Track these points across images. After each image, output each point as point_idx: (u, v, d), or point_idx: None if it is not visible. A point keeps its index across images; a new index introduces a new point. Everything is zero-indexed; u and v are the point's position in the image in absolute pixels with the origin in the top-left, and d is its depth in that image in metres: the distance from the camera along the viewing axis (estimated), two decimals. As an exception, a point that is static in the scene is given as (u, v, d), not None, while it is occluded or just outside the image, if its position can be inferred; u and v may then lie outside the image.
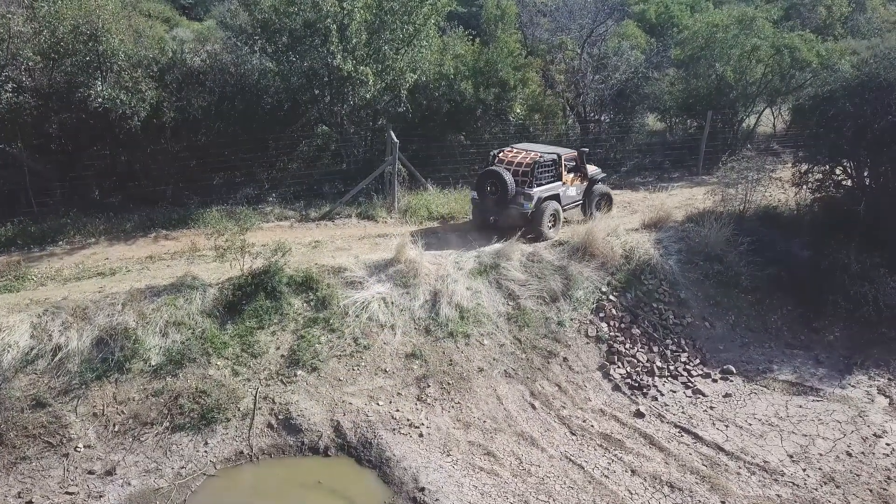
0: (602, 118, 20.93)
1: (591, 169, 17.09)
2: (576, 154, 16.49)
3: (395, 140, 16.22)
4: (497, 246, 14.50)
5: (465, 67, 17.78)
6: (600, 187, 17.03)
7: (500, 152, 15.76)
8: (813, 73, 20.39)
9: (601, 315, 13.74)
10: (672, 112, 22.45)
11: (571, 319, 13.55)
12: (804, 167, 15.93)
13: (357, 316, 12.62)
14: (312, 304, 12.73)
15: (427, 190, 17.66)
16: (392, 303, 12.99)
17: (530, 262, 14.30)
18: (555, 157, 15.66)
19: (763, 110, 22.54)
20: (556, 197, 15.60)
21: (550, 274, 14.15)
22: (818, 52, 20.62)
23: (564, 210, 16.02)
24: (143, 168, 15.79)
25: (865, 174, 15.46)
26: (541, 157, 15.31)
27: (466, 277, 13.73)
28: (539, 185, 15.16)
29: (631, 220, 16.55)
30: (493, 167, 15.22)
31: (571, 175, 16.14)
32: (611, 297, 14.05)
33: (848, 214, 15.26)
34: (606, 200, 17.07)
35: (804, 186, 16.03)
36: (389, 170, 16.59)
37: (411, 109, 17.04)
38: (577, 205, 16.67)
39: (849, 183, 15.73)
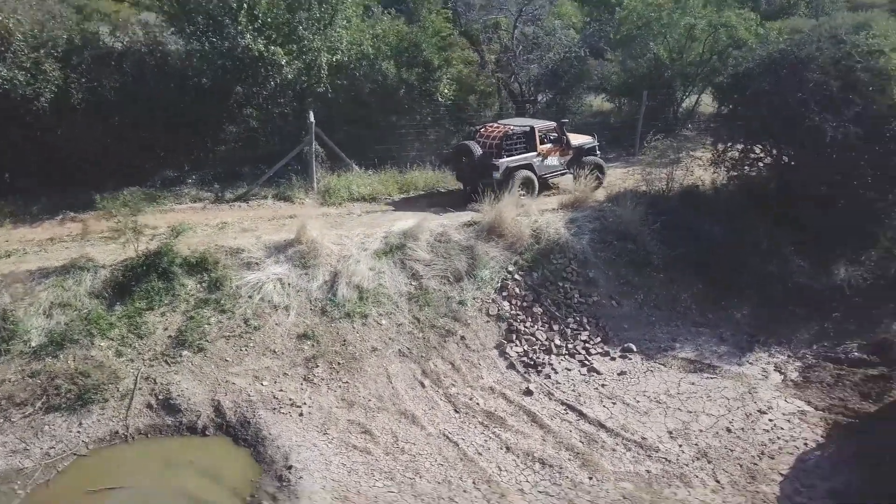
0: (538, 98, 20.78)
1: (581, 139, 17.82)
2: (555, 125, 17.24)
3: (311, 119, 16.11)
4: (405, 226, 14.41)
5: (388, 47, 17.62)
6: (591, 158, 17.58)
7: (482, 127, 16.96)
8: (751, 52, 20.17)
9: (504, 294, 13.69)
10: (615, 92, 22.30)
11: (474, 299, 13.50)
12: (722, 146, 15.82)
13: (250, 297, 12.56)
14: (206, 285, 12.67)
15: (352, 171, 17.56)
16: (289, 284, 12.93)
17: (438, 243, 14.22)
18: (527, 129, 16.58)
19: (704, 90, 22.34)
20: (528, 167, 16.47)
21: (457, 254, 14.09)
22: (756, 31, 20.42)
23: (543, 179, 16.95)
24: (57, 151, 15.64)
25: (780, 153, 15.33)
26: (511, 129, 16.35)
27: (370, 258, 13.66)
28: (508, 156, 16.16)
29: (549, 201, 16.45)
30: (465, 141, 16.63)
31: (550, 146, 16.96)
32: (516, 276, 13.98)
33: (762, 193, 15.21)
34: (597, 170, 17.36)
35: (722, 165, 15.92)
36: (309, 150, 16.48)
37: (331, 90, 16.89)
38: (561, 174, 17.50)
39: (765, 161, 15.62)
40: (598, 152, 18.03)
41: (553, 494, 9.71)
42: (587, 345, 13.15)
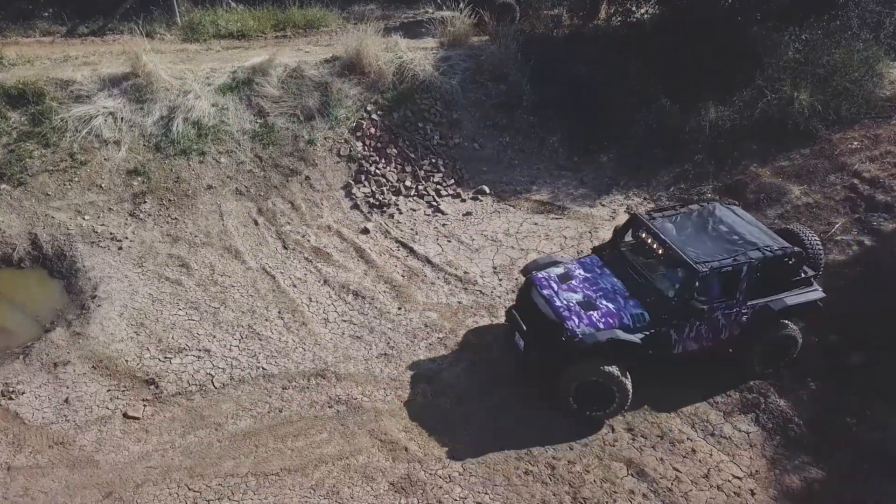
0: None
1: None
2: None
3: (166, -56, 14.77)
4: (256, 60, 13.56)
5: None
6: None
7: None
8: None
9: (358, 134, 13.15)
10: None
11: (325, 138, 12.97)
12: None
13: (77, 130, 11.95)
14: (30, 117, 12.00)
15: (226, 5, 16.34)
16: (122, 118, 12.29)
17: (290, 79, 13.45)
18: None
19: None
20: None
21: (309, 91, 13.37)
22: None
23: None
24: None
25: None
26: None
27: (214, 93, 12.95)
28: None
29: (430, 41, 15.46)
30: None
31: None
32: (374, 116, 13.38)
33: (644, 33, 14.39)
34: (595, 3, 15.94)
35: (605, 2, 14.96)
36: (168, -20, 15.23)
37: None
38: None
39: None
40: None
41: (357, 323, 9.72)
42: (439, 186, 12.82)
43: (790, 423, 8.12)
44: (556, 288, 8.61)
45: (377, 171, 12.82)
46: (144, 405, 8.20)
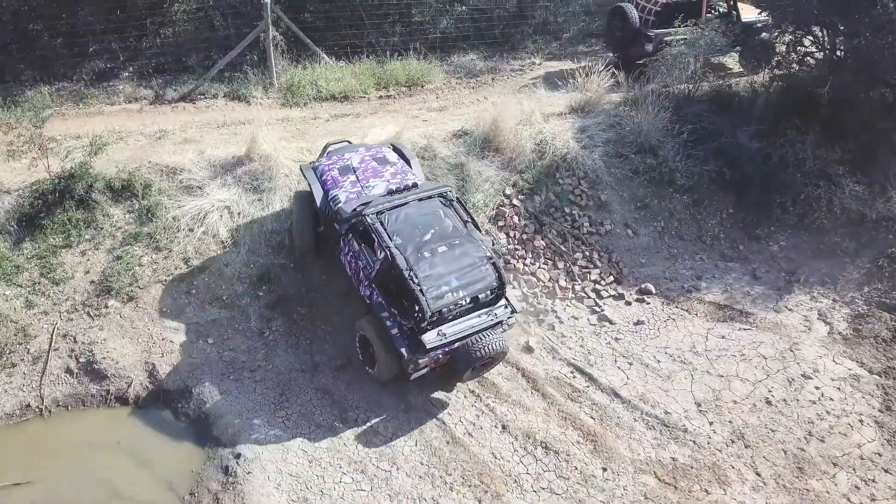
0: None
1: (754, 15, 14.77)
2: None
3: (268, -1, 13.08)
4: (381, 136, 11.88)
5: None
6: (762, 37, 14.48)
7: None
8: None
9: (500, 224, 11.46)
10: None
11: (465, 230, 11.25)
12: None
13: (191, 230, 10.27)
14: (136, 214, 10.33)
15: (321, 62, 14.66)
16: (239, 213, 10.60)
17: (421, 159, 11.73)
18: None
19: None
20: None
21: (444, 174, 11.69)
22: None
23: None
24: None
25: (838, 45, 12.58)
26: None
27: (339, 179, 11.23)
28: (667, 27, 14.09)
29: (556, 104, 13.76)
30: (622, 3, 14.61)
31: (716, 20, 14.43)
32: (515, 200, 11.69)
33: (811, 98, 12.63)
34: (763, 52, 14.45)
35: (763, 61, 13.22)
36: (265, 37, 13.54)
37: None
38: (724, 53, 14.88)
39: (818, 57, 12.87)
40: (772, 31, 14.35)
41: (560, 492, 8.01)
42: (597, 286, 11.12)
43: None
44: (353, 152, 10.42)
45: (526, 268, 11.11)
46: None
